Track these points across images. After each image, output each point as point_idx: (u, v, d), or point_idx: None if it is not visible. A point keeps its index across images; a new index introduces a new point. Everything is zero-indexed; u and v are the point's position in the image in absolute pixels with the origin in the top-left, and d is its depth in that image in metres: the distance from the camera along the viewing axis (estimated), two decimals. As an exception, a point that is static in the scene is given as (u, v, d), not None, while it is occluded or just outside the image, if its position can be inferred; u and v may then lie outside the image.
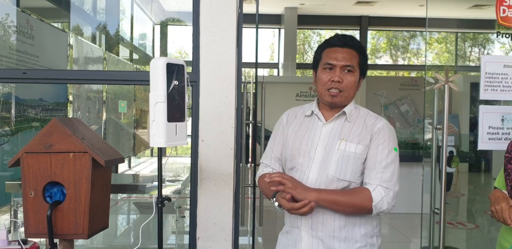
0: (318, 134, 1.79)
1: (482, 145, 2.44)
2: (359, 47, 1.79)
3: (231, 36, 2.18)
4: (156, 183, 3.18)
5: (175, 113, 1.66)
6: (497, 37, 2.43)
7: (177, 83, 1.67)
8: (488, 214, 6.53)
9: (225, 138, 2.15)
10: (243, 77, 2.51)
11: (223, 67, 2.16)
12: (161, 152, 1.73)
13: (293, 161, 1.81)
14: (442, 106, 2.38)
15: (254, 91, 3.38)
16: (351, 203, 1.69)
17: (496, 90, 2.42)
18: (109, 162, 1.78)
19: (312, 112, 1.84)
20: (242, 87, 3.09)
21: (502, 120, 2.43)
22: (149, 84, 1.66)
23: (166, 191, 3.21)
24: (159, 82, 1.62)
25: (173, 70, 1.66)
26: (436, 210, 2.52)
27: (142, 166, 8.60)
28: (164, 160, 1.76)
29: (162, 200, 1.72)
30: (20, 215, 3.08)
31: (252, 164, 5.79)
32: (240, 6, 2.21)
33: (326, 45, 1.81)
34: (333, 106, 1.80)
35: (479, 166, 10.77)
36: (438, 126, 2.43)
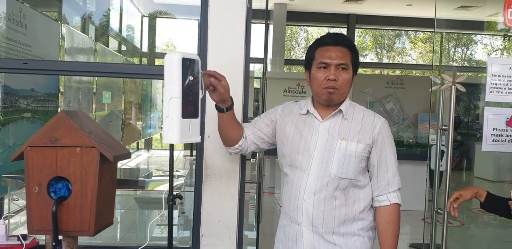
0: (316, 133, 1.82)
1: (486, 147, 2.47)
2: (350, 45, 1.82)
3: (240, 31, 2.14)
4: (154, 178, 3.16)
5: (189, 109, 1.63)
6: (504, 39, 2.44)
7: (192, 78, 1.63)
8: (471, 212, 6.67)
9: (231, 135, 2.11)
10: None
11: (231, 62, 2.12)
12: (172, 149, 1.69)
13: (292, 158, 1.84)
14: (448, 106, 2.39)
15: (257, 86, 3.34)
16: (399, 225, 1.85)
17: (501, 93, 2.44)
18: (117, 157, 1.74)
19: (308, 111, 1.86)
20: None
21: (507, 122, 2.45)
22: (160, 79, 1.62)
23: (166, 186, 3.16)
24: (174, 77, 1.57)
25: (188, 65, 1.62)
26: (439, 210, 2.54)
27: (129, 159, 8.44)
28: (175, 154, 1.72)
29: (173, 198, 1.68)
30: (14, 207, 3.00)
31: (255, 159, 5.75)
32: (250, 1, 2.17)
33: (319, 44, 1.83)
34: (329, 103, 1.82)
35: (461, 164, 10.97)
36: (443, 127, 2.44)
